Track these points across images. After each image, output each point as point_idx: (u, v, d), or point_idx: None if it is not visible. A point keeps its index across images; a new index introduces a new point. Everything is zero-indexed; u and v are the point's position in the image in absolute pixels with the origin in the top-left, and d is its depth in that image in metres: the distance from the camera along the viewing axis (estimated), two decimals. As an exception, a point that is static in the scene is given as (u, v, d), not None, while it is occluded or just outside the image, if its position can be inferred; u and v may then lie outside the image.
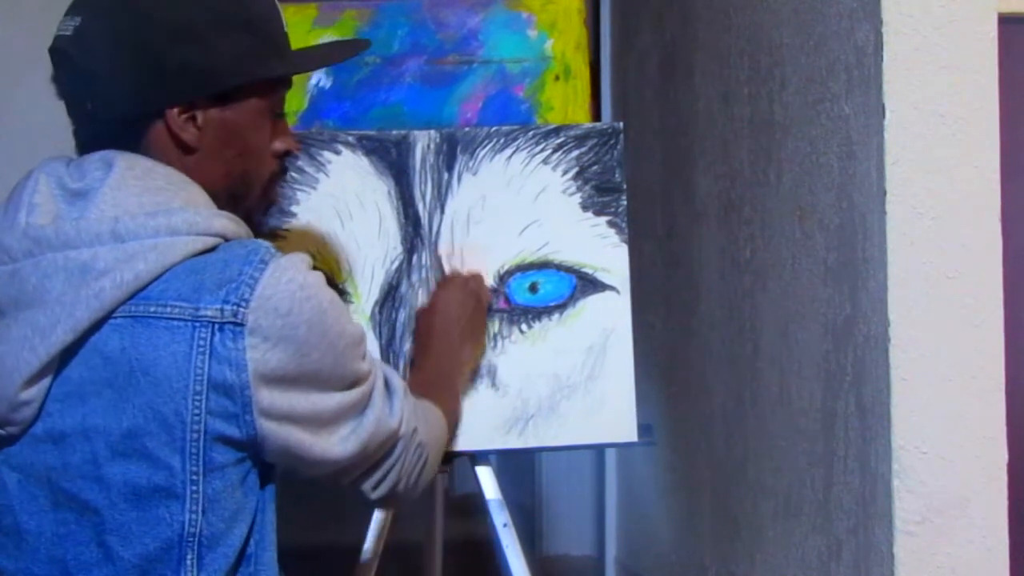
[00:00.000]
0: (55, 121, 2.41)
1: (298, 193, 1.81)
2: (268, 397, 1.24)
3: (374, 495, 1.41)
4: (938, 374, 1.73)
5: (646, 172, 3.02)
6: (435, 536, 1.94)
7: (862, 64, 1.79)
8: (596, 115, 3.39)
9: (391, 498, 1.44)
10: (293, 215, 1.80)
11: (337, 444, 1.32)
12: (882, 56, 1.73)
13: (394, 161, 1.84)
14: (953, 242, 1.73)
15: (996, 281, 1.75)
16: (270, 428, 1.26)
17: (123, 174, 1.27)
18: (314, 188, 1.82)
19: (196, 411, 1.22)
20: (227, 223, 1.29)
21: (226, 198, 1.35)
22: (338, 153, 1.83)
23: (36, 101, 2.44)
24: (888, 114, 1.73)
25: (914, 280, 1.73)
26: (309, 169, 1.82)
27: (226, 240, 1.29)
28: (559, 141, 1.85)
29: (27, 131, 2.41)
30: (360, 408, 1.34)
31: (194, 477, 1.23)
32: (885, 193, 1.73)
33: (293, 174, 1.80)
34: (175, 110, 1.31)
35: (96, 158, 1.29)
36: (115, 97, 1.29)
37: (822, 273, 1.94)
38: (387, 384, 1.40)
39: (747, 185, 2.28)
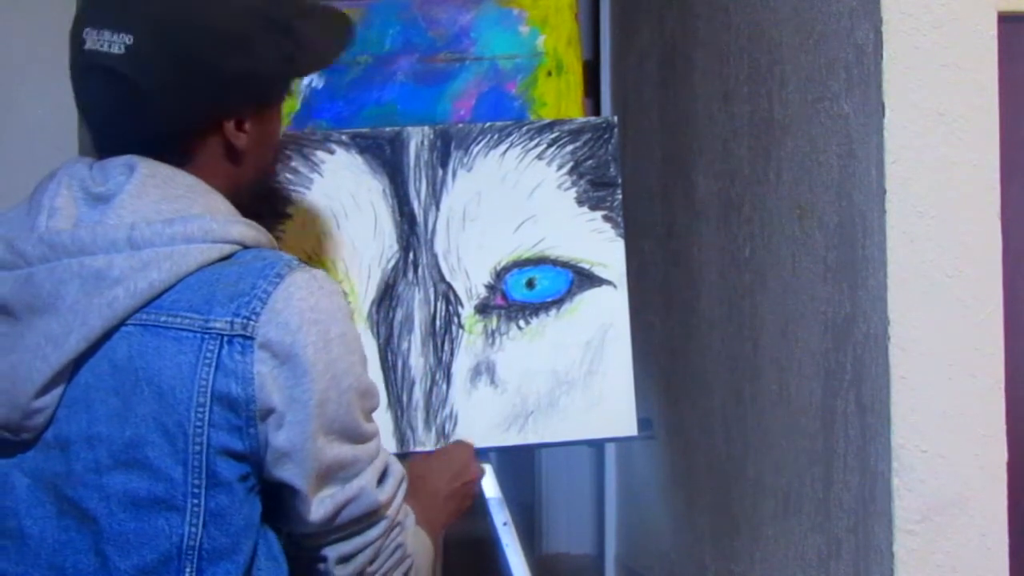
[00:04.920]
0: (55, 121, 2.41)
1: (293, 194, 1.81)
2: (272, 418, 1.23)
3: (338, 570, 1.34)
4: (938, 373, 1.73)
5: (646, 171, 3.02)
6: (434, 534, 1.94)
7: (862, 63, 1.79)
8: (596, 113, 3.39)
9: None
10: (288, 216, 1.80)
11: (313, 506, 1.28)
12: (882, 55, 1.73)
13: (388, 159, 1.84)
14: (953, 241, 1.73)
15: (996, 280, 1.75)
16: (269, 458, 1.24)
17: (144, 181, 1.26)
18: (308, 189, 1.81)
19: (199, 423, 1.21)
20: (245, 230, 1.28)
21: (250, 192, 1.37)
22: (332, 153, 1.83)
23: (36, 101, 2.44)
24: (888, 113, 1.73)
25: (914, 279, 1.72)
26: (303, 169, 1.81)
27: (244, 247, 1.28)
28: (553, 136, 1.85)
29: (27, 131, 2.41)
30: (351, 472, 1.30)
31: (195, 490, 1.22)
32: (885, 192, 1.73)
33: (287, 175, 1.80)
34: (231, 122, 1.31)
35: (120, 162, 1.28)
36: (174, 113, 1.28)
37: (822, 272, 1.94)
38: (387, 464, 1.36)
39: (747, 183, 2.28)
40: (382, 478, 1.34)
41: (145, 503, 1.22)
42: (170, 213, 1.25)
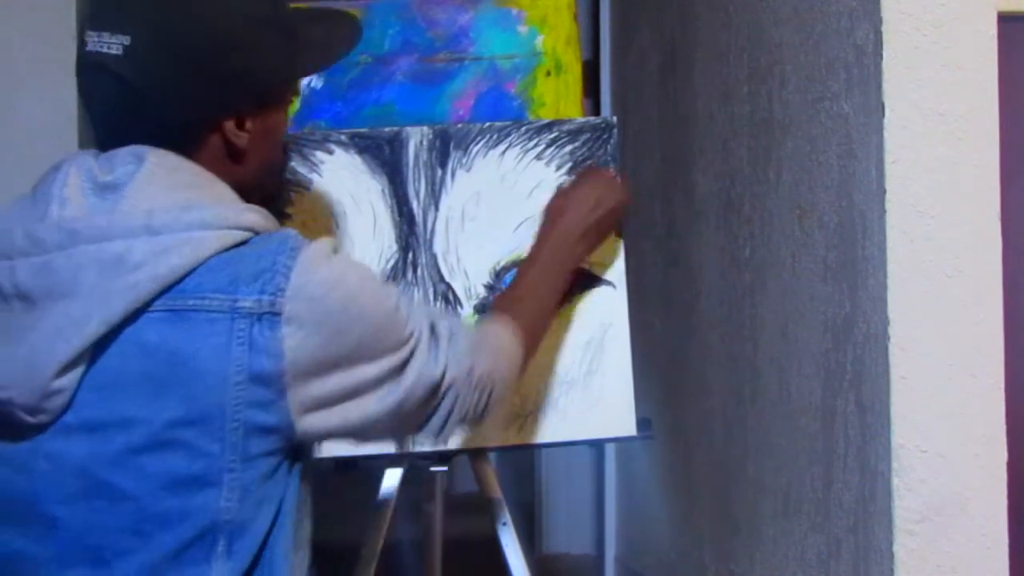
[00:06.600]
0: (55, 121, 2.41)
1: (292, 194, 1.81)
2: (306, 389, 1.27)
3: (442, 435, 1.42)
4: (938, 372, 1.73)
5: (646, 170, 3.02)
6: (435, 535, 1.94)
7: (862, 63, 1.79)
8: (595, 113, 3.39)
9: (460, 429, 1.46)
10: (288, 216, 1.80)
11: (374, 403, 1.32)
12: (882, 55, 1.73)
13: (387, 159, 1.84)
14: (953, 241, 1.73)
15: (996, 280, 1.75)
16: (308, 420, 1.28)
17: (153, 170, 1.28)
18: (308, 189, 1.82)
19: (236, 402, 1.24)
20: (256, 217, 1.31)
21: (256, 191, 1.38)
22: (331, 153, 1.83)
23: (36, 101, 2.44)
24: (888, 113, 1.73)
25: (914, 279, 1.72)
26: (302, 170, 1.82)
27: (256, 234, 1.31)
28: (552, 136, 1.85)
29: (27, 131, 2.40)
30: (400, 368, 1.34)
31: (232, 466, 1.25)
32: (885, 192, 1.73)
33: (287, 175, 1.80)
34: (231, 121, 1.33)
35: (127, 152, 1.30)
36: (172, 113, 1.30)
37: (822, 272, 1.94)
38: (433, 331, 1.39)
39: (747, 183, 2.28)
40: (435, 348, 1.38)
41: (185, 481, 1.25)
42: (183, 201, 1.27)
